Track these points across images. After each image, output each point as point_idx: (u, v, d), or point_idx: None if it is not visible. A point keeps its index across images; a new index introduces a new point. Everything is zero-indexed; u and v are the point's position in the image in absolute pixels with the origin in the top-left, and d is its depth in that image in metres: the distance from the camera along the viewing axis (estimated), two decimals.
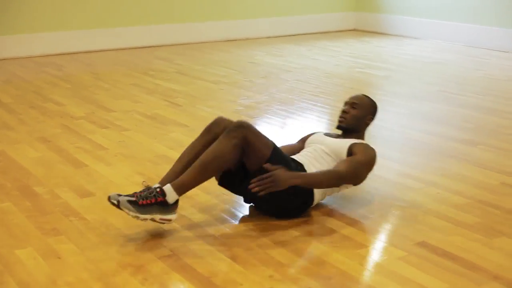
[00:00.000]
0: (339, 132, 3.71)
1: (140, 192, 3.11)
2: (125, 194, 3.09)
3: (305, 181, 3.28)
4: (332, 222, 3.37)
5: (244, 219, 3.45)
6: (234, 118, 3.60)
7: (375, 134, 4.59)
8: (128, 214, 3.05)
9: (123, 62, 7.94)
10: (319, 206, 3.55)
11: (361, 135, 3.69)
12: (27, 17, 8.17)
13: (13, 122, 5.23)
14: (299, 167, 3.41)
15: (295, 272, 2.88)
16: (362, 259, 2.99)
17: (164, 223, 3.13)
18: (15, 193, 3.76)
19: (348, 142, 3.54)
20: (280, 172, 3.16)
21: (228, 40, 9.58)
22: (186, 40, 9.28)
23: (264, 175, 3.13)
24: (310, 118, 5.49)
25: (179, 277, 2.83)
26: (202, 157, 3.20)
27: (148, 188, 3.14)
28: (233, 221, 3.42)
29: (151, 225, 3.28)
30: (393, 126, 5.18)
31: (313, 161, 3.48)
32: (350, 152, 3.47)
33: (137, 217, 3.06)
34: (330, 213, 3.49)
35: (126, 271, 2.87)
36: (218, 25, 9.58)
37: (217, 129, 3.36)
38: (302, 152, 3.60)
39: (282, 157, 3.32)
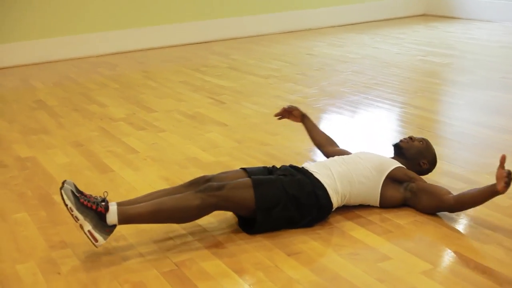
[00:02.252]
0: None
1: (89, 195, 2.91)
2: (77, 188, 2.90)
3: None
4: (355, 230, 3.09)
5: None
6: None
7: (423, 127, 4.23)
8: (64, 202, 2.84)
9: (178, 59, 7.81)
10: (342, 210, 3.27)
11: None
12: (81, 18, 8.14)
13: (52, 126, 5.15)
14: (299, 176, 3.17)
15: None
16: (382, 274, 2.70)
17: (89, 238, 2.85)
18: (34, 202, 3.65)
19: (399, 163, 3.33)
20: None
21: (288, 32, 9.31)
22: (244, 34, 9.08)
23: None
24: (357, 113, 5.17)
25: None
26: (164, 199, 2.99)
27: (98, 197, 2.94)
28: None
29: (160, 236, 3.08)
30: (443, 117, 4.81)
31: (338, 165, 3.26)
32: (404, 173, 3.26)
33: (71, 210, 2.83)
34: (354, 219, 3.19)
35: (122, 287, 2.66)
36: (278, 16, 9.33)
37: (193, 187, 3.13)
38: (339, 157, 3.37)
39: (268, 190, 3.07)
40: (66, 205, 2.85)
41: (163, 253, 2.96)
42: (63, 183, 2.88)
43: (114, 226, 2.91)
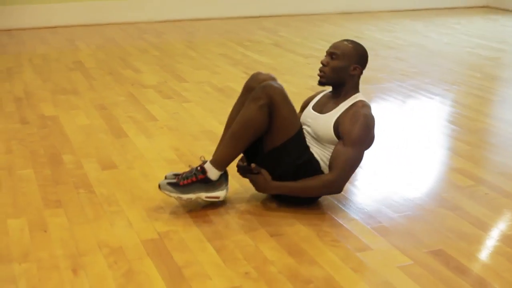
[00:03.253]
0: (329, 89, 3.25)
1: (183, 173, 3.01)
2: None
3: (287, 191, 3.04)
4: (346, 218, 3.04)
5: (250, 204, 3.19)
6: (305, 94, 3.29)
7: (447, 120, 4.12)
8: (170, 196, 2.98)
9: (225, 31, 7.81)
10: (338, 197, 3.25)
11: (351, 89, 3.13)
12: None
13: (82, 87, 5.24)
14: (312, 162, 3.09)
15: (276, 271, 2.59)
16: (358, 264, 2.65)
17: (212, 201, 3.01)
18: (42, 160, 3.72)
19: (332, 118, 3.08)
20: (260, 180, 2.99)
21: (342, 13, 9.18)
22: (297, 11, 9.00)
23: (249, 176, 2.99)
24: (385, 100, 5.07)
25: (150, 264, 2.64)
26: (233, 127, 2.99)
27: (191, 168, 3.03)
28: (238, 205, 3.18)
29: (153, 205, 3.11)
30: (471, 112, 4.69)
31: (312, 141, 3.17)
32: (339, 132, 3.04)
33: (180, 198, 2.96)
34: (348, 207, 3.14)
35: (101, 252, 2.72)
36: None
37: (255, 84, 3.10)
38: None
39: (301, 144, 3.03)
40: (174, 198, 2.99)
41: (150, 221, 2.99)
42: (159, 185, 3.00)
43: (222, 174, 3.02)
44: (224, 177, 3.03)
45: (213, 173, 2.98)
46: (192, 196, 2.96)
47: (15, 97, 4.93)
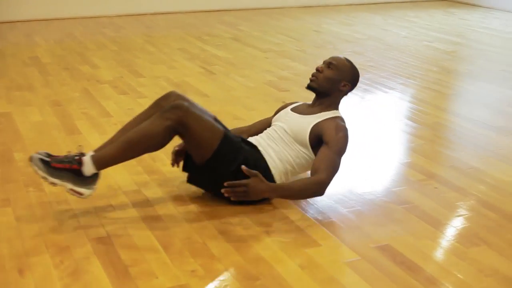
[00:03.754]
0: (310, 101, 3.30)
1: (59, 156, 2.88)
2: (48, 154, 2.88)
3: (282, 194, 2.99)
4: (296, 215, 3.04)
5: (199, 201, 3.18)
6: (262, 88, 3.26)
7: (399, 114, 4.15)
8: (36, 173, 2.84)
9: (185, 25, 7.78)
10: None
11: (333, 103, 3.21)
12: None
13: (38, 83, 5.18)
14: (253, 150, 3.08)
15: (223, 269, 2.59)
16: (305, 260, 2.66)
17: (74, 195, 2.87)
18: None
19: (310, 122, 3.14)
20: (256, 184, 2.84)
21: (303, 7, 9.20)
22: (257, 5, 8.99)
23: (238, 183, 2.82)
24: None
25: (97, 263, 2.62)
26: (130, 133, 2.93)
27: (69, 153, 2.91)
28: (188, 201, 3.17)
29: (100, 202, 3.09)
30: (425, 105, 4.73)
31: (271, 142, 3.17)
32: (316, 135, 3.09)
33: (45, 179, 2.83)
34: (298, 202, 3.15)
35: (48, 252, 2.69)
36: None
37: (165, 104, 3.08)
38: (264, 132, 3.26)
39: (232, 148, 3.01)
40: (40, 176, 2.86)
41: (99, 219, 2.97)
42: (32, 155, 2.87)
43: (95, 174, 2.91)
44: (95, 177, 2.93)
45: (88, 169, 2.87)
46: (58, 182, 2.84)
47: None
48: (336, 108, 3.24)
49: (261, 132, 3.32)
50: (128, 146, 2.90)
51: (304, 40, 7.10)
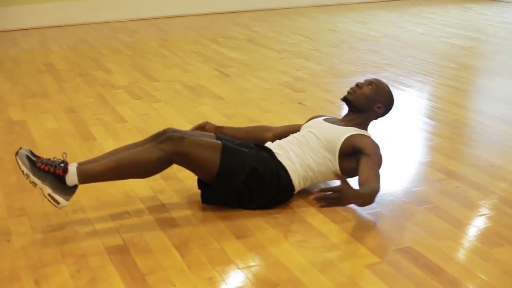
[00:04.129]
0: (340, 117, 3.30)
1: (47, 158, 2.84)
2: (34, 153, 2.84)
3: (363, 200, 2.86)
4: (313, 217, 3.01)
5: (216, 206, 3.12)
6: (277, 90, 3.17)
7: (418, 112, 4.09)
8: (20, 168, 2.79)
9: (199, 28, 7.75)
10: (306, 195, 3.15)
11: (364, 122, 3.26)
12: None
13: (52, 90, 5.17)
14: (263, 155, 3.06)
15: (241, 275, 2.54)
16: (325, 265, 2.61)
17: (51, 202, 2.81)
18: (8, 167, 3.65)
19: (347, 132, 3.14)
20: (348, 188, 2.66)
21: (319, 6, 9.13)
22: (272, 6, 8.94)
23: (331, 189, 2.62)
24: None
25: (114, 272, 2.59)
26: (123, 155, 2.91)
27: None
28: (205, 206, 3.13)
29: (116, 209, 3.05)
30: (443, 102, 4.66)
31: (295, 147, 3.12)
32: (350, 145, 3.08)
33: (28, 176, 2.78)
34: (316, 204, 3.07)
35: (64, 261, 2.67)
36: None
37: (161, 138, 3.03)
38: (291, 136, 3.23)
39: (235, 158, 2.97)
40: (23, 172, 2.81)
41: (115, 227, 2.93)
42: (18, 149, 2.84)
43: (75, 186, 2.87)
44: (74, 189, 2.87)
45: (71, 179, 2.83)
46: (38, 183, 2.79)
47: None
48: (366, 129, 3.25)
49: (287, 135, 3.28)
50: (117, 167, 2.87)
51: (318, 39, 7.05)
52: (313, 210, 3.05)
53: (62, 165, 2.82)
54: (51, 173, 2.79)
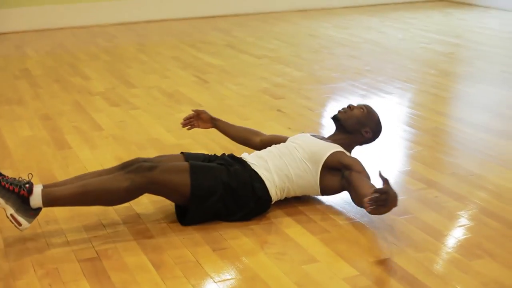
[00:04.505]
0: (327, 135, 3.33)
1: (13, 178, 2.77)
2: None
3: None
4: (291, 228, 2.97)
5: None
6: (257, 96, 3.12)
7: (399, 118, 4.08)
8: None
9: (178, 33, 7.69)
10: (284, 205, 3.14)
11: (350, 144, 3.24)
12: None
13: (28, 96, 5.09)
14: (234, 167, 3.02)
15: None
16: (302, 277, 2.56)
17: (12, 222, 2.74)
18: None
19: (334, 148, 3.12)
20: (392, 192, 2.59)
21: (299, 10, 9.10)
22: (252, 10, 8.89)
23: (380, 190, 2.55)
24: (337, 101, 5.00)
25: (87, 286, 2.53)
26: (90, 181, 2.84)
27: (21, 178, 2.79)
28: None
29: (90, 220, 2.99)
30: (422, 110, 4.65)
31: (275, 158, 3.09)
32: (337, 160, 3.05)
33: None
34: (294, 215, 3.08)
35: (35, 274, 2.60)
36: None
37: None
38: (273, 146, 3.20)
39: (204, 177, 2.93)
40: None
41: (89, 240, 2.87)
42: None
43: (39, 209, 2.81)
44: (37, 212, 2.81)
45: (35, 201, 2.76)
46: (2, 202, 2.71)
47: None
48: (350, 152, 3.23)
49: (271, 144, 3.28)
50: (84, 193, 2.80)
51: (299, 45, 7.03)
52: (291, 221, 3.01)
53: (27, 185, 2.75)
54: (15, 193, 2.73)
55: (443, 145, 4.05)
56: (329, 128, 4.30)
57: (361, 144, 3.28)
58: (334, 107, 4.73)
